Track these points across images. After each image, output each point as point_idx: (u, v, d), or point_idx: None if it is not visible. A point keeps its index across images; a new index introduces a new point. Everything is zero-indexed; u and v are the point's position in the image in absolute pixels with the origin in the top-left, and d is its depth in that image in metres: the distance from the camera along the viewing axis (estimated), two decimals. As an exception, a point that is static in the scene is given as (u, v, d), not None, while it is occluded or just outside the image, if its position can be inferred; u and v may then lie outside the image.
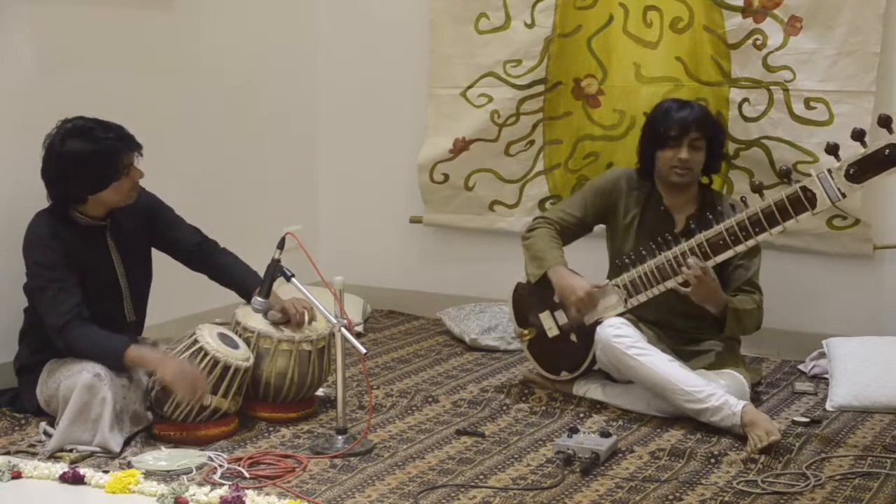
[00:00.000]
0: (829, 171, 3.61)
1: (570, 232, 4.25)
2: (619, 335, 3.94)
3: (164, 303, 4.16)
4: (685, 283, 3.85)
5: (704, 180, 4.16)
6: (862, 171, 3.56)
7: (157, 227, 4.03)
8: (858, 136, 3.53)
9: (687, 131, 3.98)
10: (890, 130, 3.50)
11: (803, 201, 3.67)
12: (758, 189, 3.78)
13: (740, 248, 3.81)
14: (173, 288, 4.18)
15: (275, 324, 3.93)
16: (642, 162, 4.15)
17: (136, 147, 3.77)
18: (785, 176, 3.74)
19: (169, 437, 3.67)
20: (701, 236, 3.85)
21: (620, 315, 4.04)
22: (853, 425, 3.89)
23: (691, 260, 3.83)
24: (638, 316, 4.09)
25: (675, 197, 4.10)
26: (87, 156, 3.66)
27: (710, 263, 3.85)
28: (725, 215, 3.84)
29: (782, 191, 3.71)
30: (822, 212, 3.70)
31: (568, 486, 3.32)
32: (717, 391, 3.79)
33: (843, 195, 3.61)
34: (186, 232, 4.09)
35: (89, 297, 3.73)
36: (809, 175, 3.68)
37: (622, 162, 4.94)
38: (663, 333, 4.09)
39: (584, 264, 4.22)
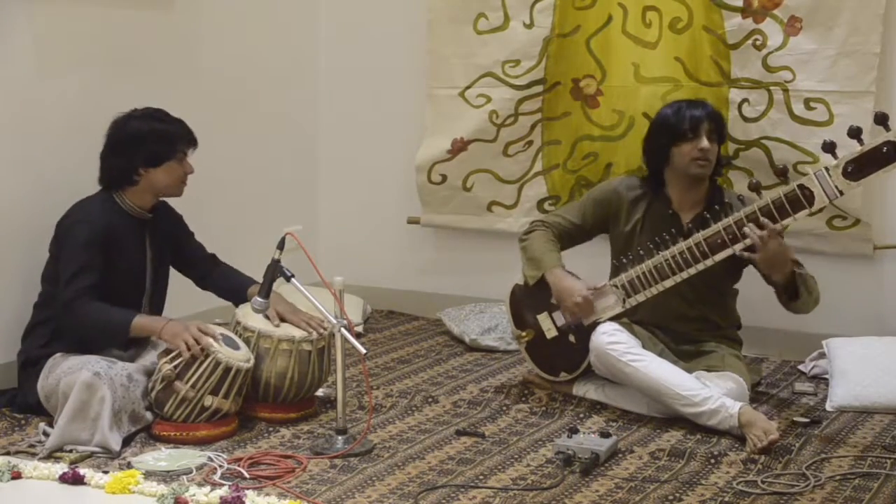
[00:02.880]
0: (827, 168, 3.62)
1: (567, 237, 4.24)
2: (613, 342, 3.93)
3: (164, 303, 4.16)
4: (750, 249, 3.78)
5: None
6: (859, 168, 3.56)
7: (179, 237, 4.17)
8: (855, 133, 3.54)
9: (704, 121, 4.00)
10: (887, 128, 3.51)
11: (801, 199, 3.67)
12: (755, 188, 3.78)
13: (738, 247, 3.80)
14: (173, 288, 4.18)
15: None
16: (651, 163, 4.13)
17: (194, 141, 3.99)
18: (782, 174, 3.74)
19: (169, 437, 3.67)
20: (699, 235, 3.85)
21: (618, 316, 4.05)
22: (853, 425, 3.89)
23: (751, 225, 3.74)
24: (636, 319, 4.09)
25: (686, 197, 4.07)
26: (150, 132, 3.89)
27: (709, 262, 3.84)
28: (724, 212, 3.85)
29: (780, 189, 3.71)
30: (819, 209, 3.70)
31: (568, 487, 3.32)
32: (713, 394, 3.78)
33: (841, 193, 3.62)
34: (198, 244, 4.23)
35: (113, 285, 3.82)
36: (807, 174, 3.68)
37: (621, 162, 4.95)
38: (663, 334, 4.09)
39: (584, 267, 4.23)
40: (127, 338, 3.80)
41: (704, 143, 3.97)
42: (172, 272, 4.17)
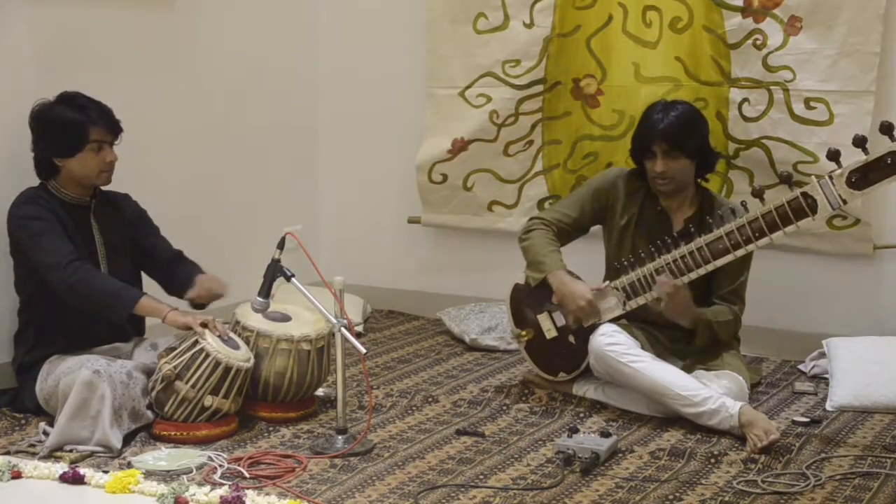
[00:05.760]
0: (831, 177, 3.59)
1: (566, 233, 4.24)
2: (611, 343, 3.93)
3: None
4: (657, 300, 3.87)
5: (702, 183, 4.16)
6: (863, 178, 3.54)
7: (140, 231, 4.08)
8: (860, 142, 3.51)
9: (655, 143, 3.96)
10: (892, 138, 3.46)
11: (804, 207, 3.65)
12: (758, 194, 3.77)
13: (740, 253, 3.79)
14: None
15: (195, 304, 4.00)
16: (636, 164, 4.14)
17: (112, 127, 3.85)
18: (786, 181, 3.72)
19: (169, 437, 3.67)
20: (701, 240, 3.84)
21: (618, 319, 4.04)
22: (853, 425, 3.89)
23: (662, 277, 3.84)
24: (636, 316, 4.08)
25: (670, 199, 4.09)
26: (58, 121, 3.79)
27: (710, 267, 3.83)
28: (725, 219, 3.83)
29: (783, 196, 3.70)
30: (822, 216, 3.69)
31: (568, 486, 3.32)
32: (713, 394, 3.78)
33: (844, 201, 3.59)
34: (164, 243, 4.13)
35: None
36: (810, 177, 3.67)
37: (621, 162, 4.94)
38: (661, 334, 4.09)
39: (582, 265, 4.22)
40: (131, 311, 3.73)
41: (658, 166, 3.97)
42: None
